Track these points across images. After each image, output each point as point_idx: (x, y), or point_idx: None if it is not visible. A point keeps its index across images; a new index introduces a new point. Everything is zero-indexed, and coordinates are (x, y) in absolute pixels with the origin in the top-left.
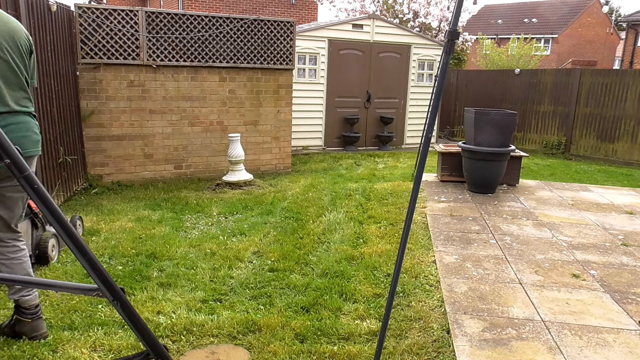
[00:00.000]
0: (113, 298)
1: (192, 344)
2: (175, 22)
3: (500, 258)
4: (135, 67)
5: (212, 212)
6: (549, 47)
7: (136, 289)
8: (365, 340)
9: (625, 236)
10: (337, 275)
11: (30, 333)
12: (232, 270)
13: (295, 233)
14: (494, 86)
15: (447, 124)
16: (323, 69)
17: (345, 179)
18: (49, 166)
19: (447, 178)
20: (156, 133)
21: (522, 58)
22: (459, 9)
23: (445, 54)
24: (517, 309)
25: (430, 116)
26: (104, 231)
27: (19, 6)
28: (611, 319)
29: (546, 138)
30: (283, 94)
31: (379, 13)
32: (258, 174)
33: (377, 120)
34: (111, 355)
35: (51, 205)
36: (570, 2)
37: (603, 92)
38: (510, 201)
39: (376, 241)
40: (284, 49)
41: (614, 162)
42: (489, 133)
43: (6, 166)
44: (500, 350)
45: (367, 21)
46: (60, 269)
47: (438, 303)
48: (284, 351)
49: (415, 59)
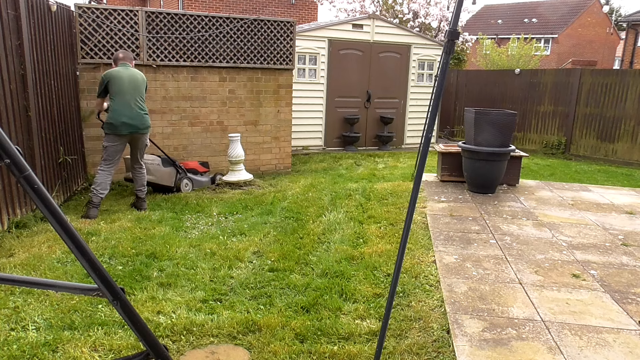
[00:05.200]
0: (113, 298)
1: (192, 344)
2: (175, 22)
3: (500, 258)
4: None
5: (212, 212)
6: (549, 47)
7: (136, 289)
8: (365, 340)
9: (625, 236)
10: (337, 275)
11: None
12: (232, 270)
13: (295, 233)
14: (494, 86)
15: (447, 124)
16: (323, 69)
17: (345, 179)
18: (49, 166)
19: (447, 178)
20: (156, 133)
21: (522, 58)
22: (459, 9)
23: (445, 54)
24: (517, 309)
25: (430, 116)
26: (104, 231)
27: (19, 6)
28: (611, 319)
29: (546, 138)
30: (283, 94)
31: (379, 13)
32: (258, 174)
33: (377, 120)
34: (111, 355)
35: (51, 205)
36: (570, 2)
37: (603, 92)
38: (510, 201)
39: (376, 241)
40: (284, 49)
41: (614, 162)
42: (489, 133)
43: (6, 166)
44: (500, 350)
45: (367, 21)
46: (60, 269)
47: (438, 303)
48: (284, 351)
49: (415, 59)
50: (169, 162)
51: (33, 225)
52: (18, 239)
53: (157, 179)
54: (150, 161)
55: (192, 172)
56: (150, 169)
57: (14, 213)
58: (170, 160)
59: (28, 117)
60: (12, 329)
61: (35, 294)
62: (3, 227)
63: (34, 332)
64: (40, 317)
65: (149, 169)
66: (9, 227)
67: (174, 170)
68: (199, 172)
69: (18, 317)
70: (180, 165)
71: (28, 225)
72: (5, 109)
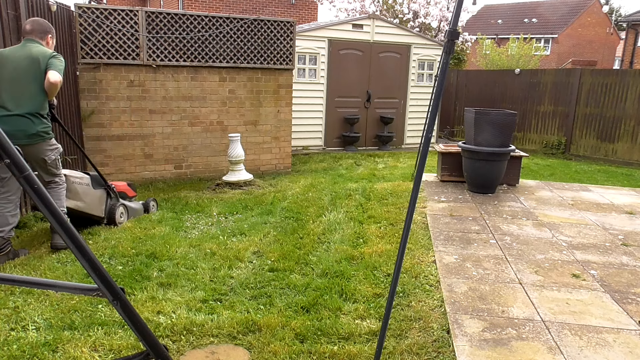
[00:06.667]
0: (113, 298)
1: (192, 344)
2: (175, 22)
3: (500, 258)
4: (135, 67)
5: (212, 212)
6: (549, 47)
7: (136, 289)
8: (365, 340)
9: (625, 236)
10: (337, 275)
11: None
12: (232, 270)
13: (295, 233)
14: (494, 86)
15: (447, 124)
16: (323, 69)
17: (345, 179)
18: None
19: (447, 178)
20: (156, 133)
21: (522, 58)
22: (459, 9)
23: (445, 54)
24: (517, 309)
25: (430, 116)
26: (104, 231)
27: (19, 6)
28: (611, 319)
29: (546, 138)
30: (283, 94)
31: (379, 13)
32: (258, 174)
33: (377, 120)
34: (111, 355)
35: (51, 205)
36: (570, 2)
37: (603, 92)
38: (510, 201)
39: (376, 241)
40: (284, 49)
41: (614, 162)
42: (489, 133)
43: (6, 166)
44: (500, 350)
45: (367, 21)
46: (60, 269)
47: (438, 303)
48: (284, 351)
49: (415, 59)
50: (100, 182)
51: (33, 225)
52: (18, 239)
53: (86, 205)
54: (78, 179)
55: (121, 196)
56: (77, 190)
57: None
58: (102, 178)
59: None
60: (12, 329)
61: (35, 294)
62: None
63: (34, 332)
64: (40, 317)
65: (77, 190)
66: None
67: (104, 194)
68: (127, 197)
69: (18, 317)
70: (112, 187)
71: (28, 225)
72: None
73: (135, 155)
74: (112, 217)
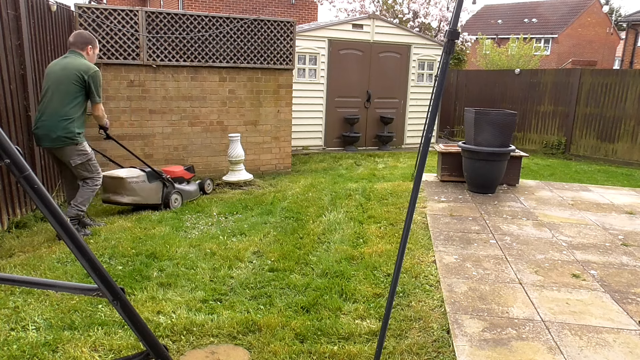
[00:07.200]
0: (113, 298)
1: (192, 344)
2: (175, 22)
3: (500, 258)
4: (135, 67)
5: (212, 212)
6: (549, 47)
7: (136, 289)
8: (365, 340)
9: (625, 236)
10: (337, 275)
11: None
12: (232, 270)
13: (295, 233)
14: (494, 86)
15: (447, 124)
16: (323, 69)
17: (345, 179)
18: (49, 166)
19: (447, 178)
20: (156, 133)
21: (522, 58)
22: (459, 9)
23: (445, 54)
24: (517, 309)
25: (430, 116)
26: (104, 231)
27: (19, 6)
28: (611, 319)
29: (546, 138)
30: (283, 94)
31: (379, 13)
32: (258, 174)
33: (377, 120)
34: (111, 355)
35: (51, 205)
36: (570, 2)
37: (603, 92)
38: (510, 201)
39: (376, 241)
40: (284, 49)
41: (614, 162)
42: (489, 133)
43: (6, 166)
44: (500, 350)
45: (367, 21)
46: (60, 269)
47: (438, 303)
48: (284, 351)
49: (415, 59)
50: (155, 175)
51: (33, 225)
52: (18, 239)
53: (142, 199)
54: (135, 178)
55: (178, 180)
56: (134, 188)
57: (13, 213)
58: (155, 172)
59: (28, 117)
60: (12, 329)
61: (35, 294)
62: (3, 227)
63: (34, 332)
64: (40, 317)
65: (134, 188)
66: (9, 227)
67: (160, 185)
68: (185, 180)
69: (18, 317)
70: (167, 177)
71: (28, 225)
72: (5, 109)
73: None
74: (167, 202)
